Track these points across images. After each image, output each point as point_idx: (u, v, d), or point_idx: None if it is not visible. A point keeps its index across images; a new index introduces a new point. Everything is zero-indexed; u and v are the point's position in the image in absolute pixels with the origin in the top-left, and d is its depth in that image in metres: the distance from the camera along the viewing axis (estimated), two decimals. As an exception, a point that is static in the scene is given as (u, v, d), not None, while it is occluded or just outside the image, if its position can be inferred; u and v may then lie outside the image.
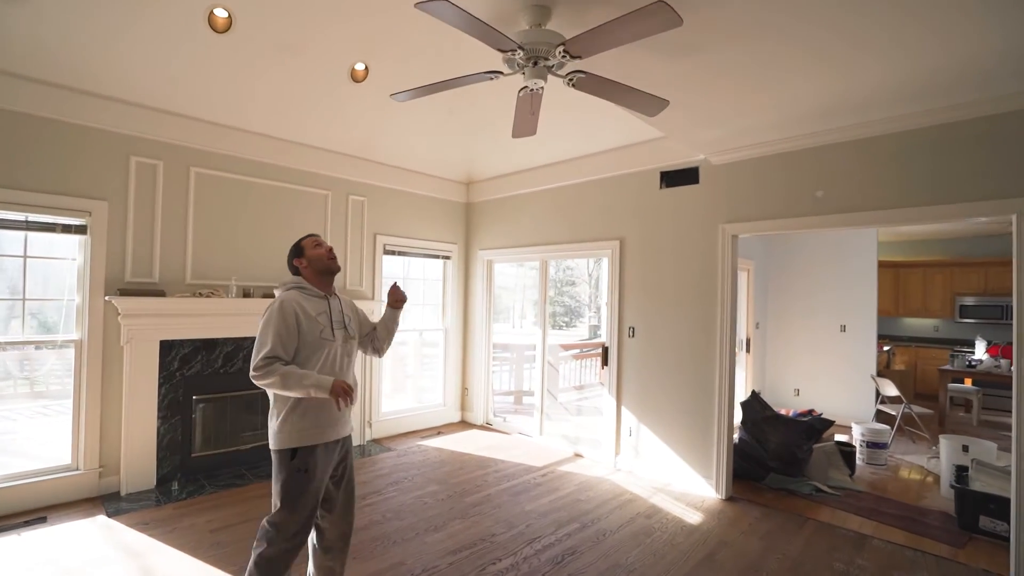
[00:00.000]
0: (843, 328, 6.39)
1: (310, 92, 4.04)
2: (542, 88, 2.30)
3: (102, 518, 3.30)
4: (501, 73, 2.21)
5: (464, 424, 5.96)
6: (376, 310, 5.18)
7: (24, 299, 3.45)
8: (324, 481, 2.06)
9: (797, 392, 6.70)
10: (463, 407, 6.13)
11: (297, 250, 2.20)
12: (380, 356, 2.45)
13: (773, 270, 6.97)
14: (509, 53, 2.05)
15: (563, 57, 2.05)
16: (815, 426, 4.01)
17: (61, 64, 3.29)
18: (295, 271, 2.18)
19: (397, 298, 2.43)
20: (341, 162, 4.89)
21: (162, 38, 3.29)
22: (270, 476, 2.05)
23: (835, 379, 6.42)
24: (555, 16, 2.17)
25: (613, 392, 4.60)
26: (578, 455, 4.88)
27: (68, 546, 2.93)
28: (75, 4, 2.95)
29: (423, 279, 5.98)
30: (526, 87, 2.28)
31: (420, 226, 5.67)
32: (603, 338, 5.48)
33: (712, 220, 4.05)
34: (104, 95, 3.56)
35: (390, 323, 2.42)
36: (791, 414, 4.78)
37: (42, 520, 3.24)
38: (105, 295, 3.59)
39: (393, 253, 5.47)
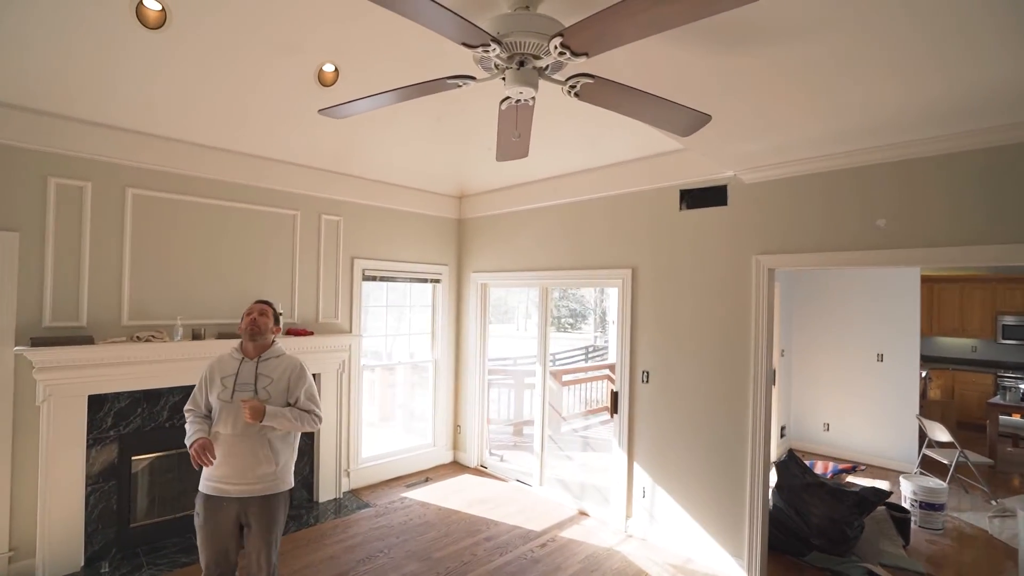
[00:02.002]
0: (880, 357, 5.71)
1: (270, 97, 3.44)
2: (532, 99, 1.67)
3: (3, 621, 2.72)
4: (472, 79, 1.58)
5: (456, 466, 5.34)
6: (354, 345, 4.58)
7: (-88, 353, 2.86)
8: None
9: (827, 427, 6.03)
10: (455, 446, 5.51)
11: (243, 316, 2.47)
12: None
13: (800, 291, 6.29)
14: (480, 49, 1.42)
15: (561, 55, 1.42)
16: (868, 498, 3.35)
17: (-49, 69, 2.70)
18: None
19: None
20: (310, 177, 4.28)
21: (84, 35, 2.70)
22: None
23: (871, 414, 5.74)
24: (550, -5, 1.54)
25: (624, 445, 3.96)
26: (583, 513, 4.24)
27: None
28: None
29: (409, 306, 5.37)
30: (508, 97, 1.65)
31: (405, 247, 5.06)
32: (611, 358, 4.84)
33: (743, 249, 3.41)
34: (11, 104, 2.97)
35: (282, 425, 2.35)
36: (830, 470, 4.13)
37: (-72, 625, 2.66)
38: (15, 346, 2.99)
39: (374, 279, 4.85)
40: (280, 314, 2.55)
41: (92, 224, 3.28)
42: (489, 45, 1.38)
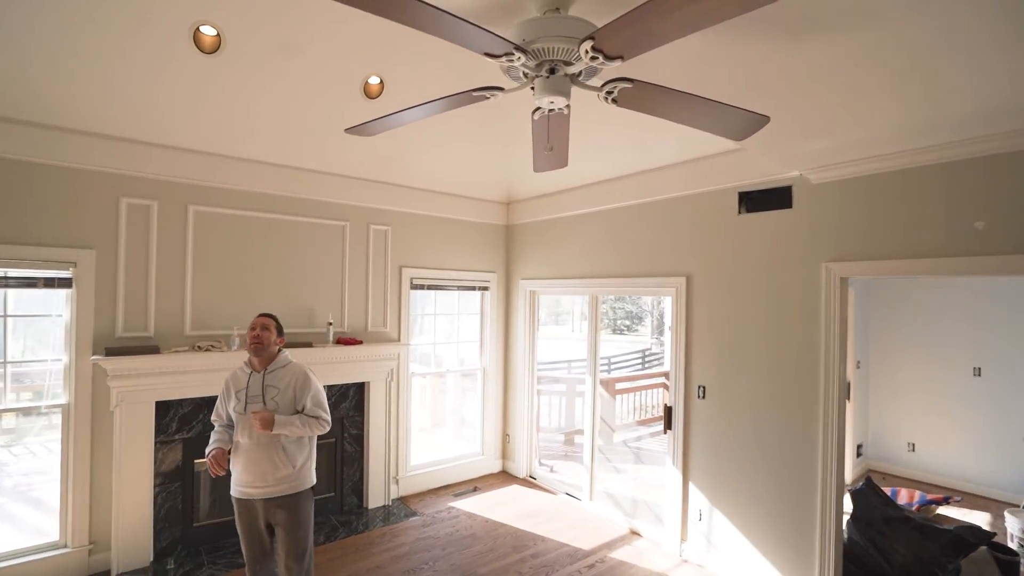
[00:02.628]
0: (977, 371, 5.09)
1: (319, 112, 3.51)
2: (565, 108, 1.56)
3: (80, 613, 2.91)
4: (500, 89, 1.49)
5: (505, 476, 5.27)
6: (402, 353, 4.62)
7: (4, 362, 3.14)
8: None
9: (911, 447, 5.46)
10: (504, 455, 5.44)
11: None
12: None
13: (878, 296, 5.74)
14: (505, 59, 1.32)
15: (593, 59, 1.30)
16: (965, 538, 2.95)
17: (36, 101, 2.93)
18: None
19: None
20: (359, 188, 4.36)
21: (146, 64, 2.86)
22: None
23: (966, 435, 5.13)
24: (583, -3, 1.42)
25: (678, 464, 3.73)
26: (635, 533, 4.04)
27: (25, 661, 2.53)
28: (49, 35, 2.55)
29: (457, 313, 5.36)
30: (539, 108, 1.55)
31: (453, 254, 5.05)
32: (667, 365, 4.60)
33: (811, 256, 3.11)
34: (87, 131, 3.19)
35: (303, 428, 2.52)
36: (917, 500, 3.70)
37: (18, 612, 2.90)
38: (92, 354, 3.22)
39: (422, 287, 4.87)
40: (280, 327, 2.63)
41: (158, 240, 3.48)
42: (513, 54, 1.28)
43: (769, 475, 3.24)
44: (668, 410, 3.84)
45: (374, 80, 3.41)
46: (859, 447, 5.57)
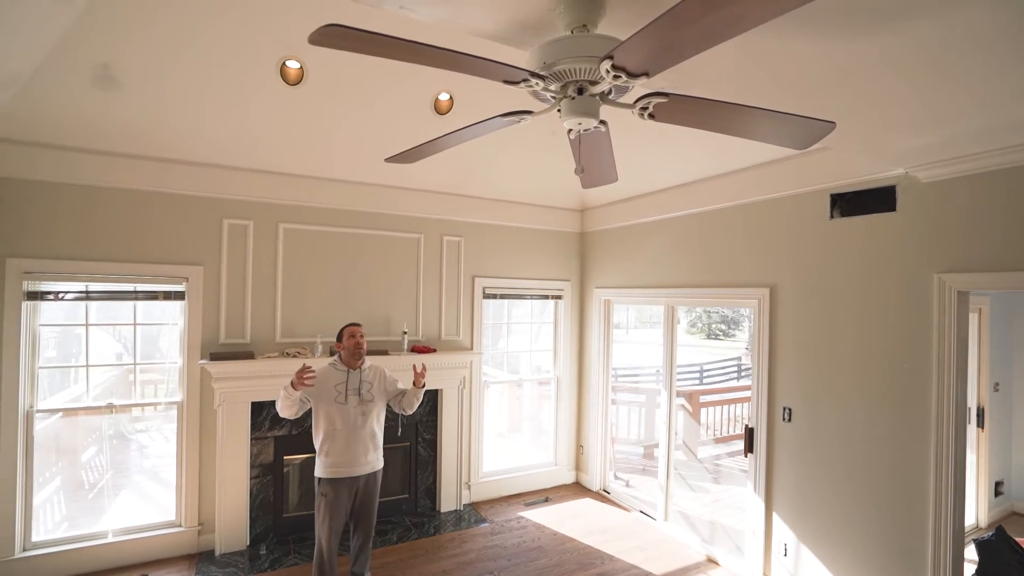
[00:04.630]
0: None
1: (393, 130, 3.68)
2: (602, 126, 1.48)
3: (188, 587, 3.30)
4: (529, 113, 1.45)
5: (578, 488, 5.17)
6: (475, 361, 4.70)
7: (135, 364, 3.65)
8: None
9: (1071, 488, 4.54)
10: (577, 467, 5.35)
11: (339, 336, 3.04)
12: (405, 414, 3.17)
13: (1021, 304, 4.86)
14: (523, 85, 1.29)
15: (616, 78, 1.22)
16: None
17: (151, 139, 3.38)
18: (338, 350, 3.03)
19: (417, 381, 3.04)
20: (433, 201, 4.51)
21: (239, 98, 3.18)
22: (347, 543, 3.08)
23: None
24: (614, 8, 1.34)
25: (760, 491, 3.42)
26: (712, 561, 3.77)
27: (142, 626, 2.92)
28: (157, 79, 2.94)
29: (530, 322, 5.35)
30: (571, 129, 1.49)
31: (525, 264, 5.06)
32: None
33: (919, 266, 2.71)
34: (195, 162, 3.62)
35: (411, 397, 3.09)
36: (1069, 556, 3.05)
37: (141, 581, 3.35)
38: (200, 358, 3.64)
39: (494, 297, 4.93)
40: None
41: (254, 256, 3.85)
42: (529, 80, 1.25)
43: (868, 514, 2.87)
44: (749, 432, 3.54)
45: (444, 96, 3.52)
46: (998, 484, 4.75)
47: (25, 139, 3.20)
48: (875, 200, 2.91)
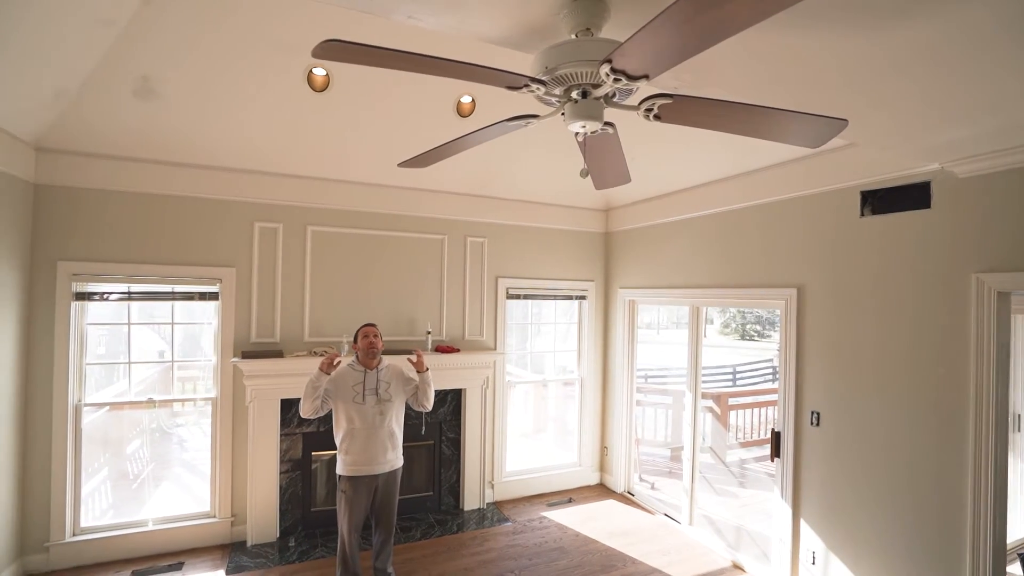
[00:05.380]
0: None
1: (416, 133, 3.75)
2: (609, 128, 1.48)
3: (221, 575, 3.44)
4: (536, 117, 1.47)
5: (602, 489, 5.14)
6: (498, 361, 4.74)
7: (173, 361, 3.83)
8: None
9: None
10: (602, 468, 5.31)
11: (355, 337, 3.13)
12: (425, 411, 3.20)
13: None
14: (524, 90, 1.30)
15: (616, 81, 1.23)
16: None
17: (189, 147, 3.54)
18: (355, 351, 3.11)
19: (417, 366, 3.12)
20: (456, 203, 4.56)
21: (269, 106, 3.31)
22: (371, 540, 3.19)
23: None
24: (618, 11, 1.34)
25: (787, 497, 3.34)
26: (738, 567, 3.69)
27: (178, 611, 3.07)
28: (193, 90, 3.09)
29: (554, 323, 5.35)
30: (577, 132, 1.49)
31: (549, 264, 5.06)
32: None
33: (956, 265, 2.59)
34: (228, 168, 3.77)
35: (423, 388, 3.15)
36: None
37: (178, 567, 3.52)
38: (232, 356, 3.79)
39: (518, 297, 4.95)
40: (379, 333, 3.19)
41: (283, 257, 3.99)
42: (530, 85, 1.26)
43: (900, 524, 2.76)
44: (776, 436, 3.45)
45: (466, 99, 3.57)
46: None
47: (74, 149, 3.41)
48: (908, 197, 2.79)
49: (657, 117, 1.41)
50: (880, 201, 2.92)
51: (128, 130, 3.34)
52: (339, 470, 3.01)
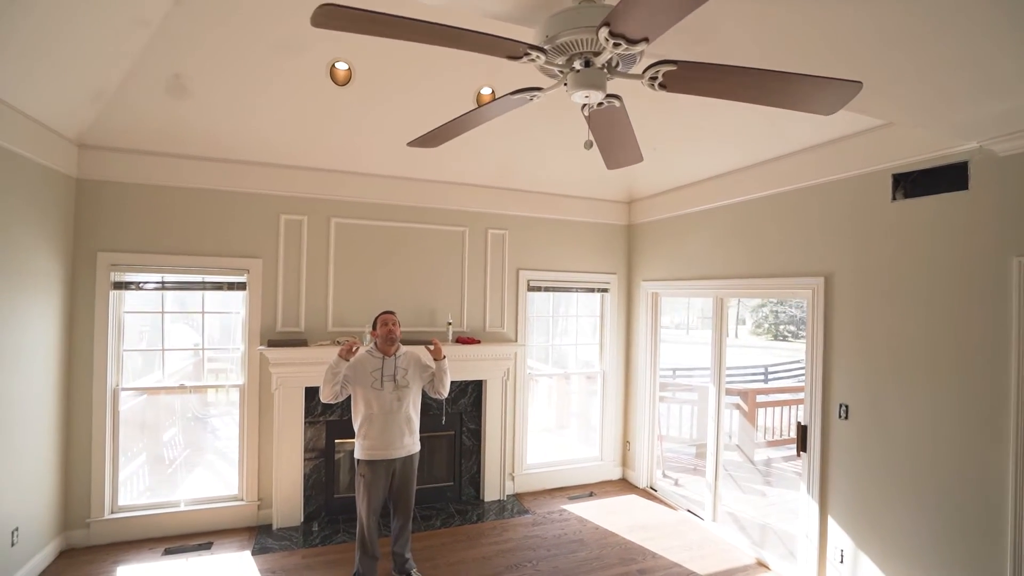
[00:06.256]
0: None
1: (436, 125, 3.78)
2: (612, 99, 1.47)
3: (247, 555, 3.55)
4: (540, 89, 1.46)
5: (624, 484, 5.08)
6: (519, 353, 4.74)
7: (203, 348, 3.98)
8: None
9: None
10: (624, 463, 5.25)
11: (373, 324, 3.20)
12: (441, 397, 3.24)
13: None
14: (525, 60, 1.30)
15: (616, 47, 1.21)
16: None
17: (217, 142, 3.67)
18: (373, 338, 3.16)
19: (434, 354, 3.16)
20: (478, 195, 4.59)
21: (294, 101, 3.41)
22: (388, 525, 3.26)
23: None
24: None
25: (814, 493, 3.22)
26: (762, 565, 3.59)
27: (206, 587, 3.18)
28: (221, 85, 3.21)
29: (576, 316, 5.32)
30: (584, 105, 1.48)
31: (571, 256, 5.03)
32: None
33: (996, 248, 2.46)
34: (256, 162, 3.89)
35: (440, 375, 3.18)
36: None
37: (207, 547, 3.64)
38: (259, 345, 3.90)
39: (539, 289, 4.94)
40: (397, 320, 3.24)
41: (308, 249, 4.08)
42: (530, 54, 1.25)
43: (935, 523, 2.63)
44: (802, 430, 3.34)
45: (486, 91, 3.59)
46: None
47: (112, 146, 3.57)
48: (944, 178, 2.66)
49: (663, 86, 1.38)
50: (913, 184, 2.80)
51: (161, 127, 3.48)
52: (357, 454, 3.07)
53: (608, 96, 1.49)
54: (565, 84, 1.40)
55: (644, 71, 1.34)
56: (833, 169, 3.16)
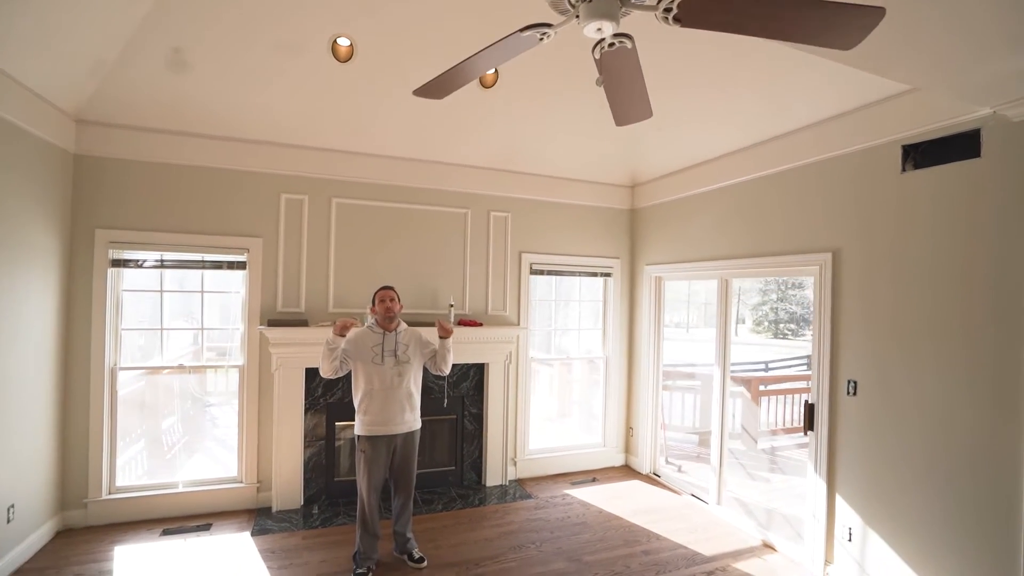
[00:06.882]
0: None
1: (441, 106, 3.72)
2: (625, 40, 1.42)
3: (246, 536, 3.50)
4: (550, 25, 1.42)
5: (627, 471, 5.04)
6: (521, 336, 4.70)
7: (202, 328, 3.93)
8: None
9: None
10: (627, 450, 5.21)
11: (372, 300, 3.15)
12: (442, 375, 3.20)
13: None
14: (535, -14, 1.26)
15: (631, -30, 1.16)
16: None
17: (219, 120, 3.62)
18: (373, 314, 3.12)
19: (441, 331, 3.13)
20: (480, 177, 4.54)
21: (294, 77, 3.36)
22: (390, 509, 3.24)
23: None
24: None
25: (822, 471, 3.18)
26: (768, 546, 3.55)
27: (209, 562, 3.12)
28: (223, 61, 3.16)
29: (578, 300, 5.27)
30: (599, 44, 1.44)
31: (574, 240, 4.99)
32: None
33: (1010, 218, 2.41)
34: (256, 140, 3.84)
35: (441, 350, 3.14)
36: None
37: (206, 528, 3.60)
38: (259, 325, 3.85)
39: (541, 273, 4.90)
40: (398, 296, 3.21)
41: (308, 229, 4.04)
42: (540, -22, 1.21)
43: (945, 496, 2.58)
44: (810, 407, 3.30)
45: (489, 71, 3.53)
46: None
47: (110, 122, 3.53)
48: (955, 147, 2.62)
49: (677, 20, 1.34)
50: (923, 154, 2.75)
51: (160, 103, 3.43)
52: (358, 430, 3.02)
53: (619, 36, 1.44)
54: (577, 17, 1.35)
55: (659, 2, 1.30)
56: (840, 143, 3.12)
